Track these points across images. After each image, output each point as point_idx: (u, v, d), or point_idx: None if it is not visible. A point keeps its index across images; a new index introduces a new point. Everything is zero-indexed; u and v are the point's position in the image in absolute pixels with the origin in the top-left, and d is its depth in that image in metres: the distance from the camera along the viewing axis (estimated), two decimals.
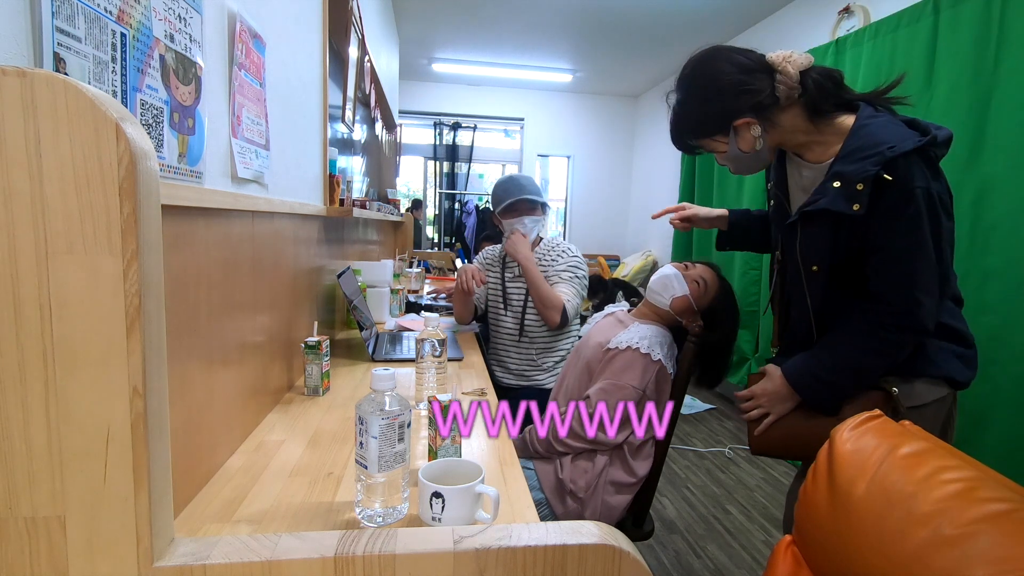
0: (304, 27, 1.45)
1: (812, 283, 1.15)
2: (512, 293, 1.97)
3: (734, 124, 1.12)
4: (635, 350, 1.31)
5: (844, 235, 1.07)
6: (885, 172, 1.00)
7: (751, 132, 1.12)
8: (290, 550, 0.55)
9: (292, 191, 1.35)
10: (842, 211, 1.02)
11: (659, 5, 3.65)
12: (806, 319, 1.19)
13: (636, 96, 6.12)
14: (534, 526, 0.60)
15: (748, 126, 1.12)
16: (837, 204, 1.03)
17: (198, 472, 0.85)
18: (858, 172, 1.01)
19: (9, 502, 0.50)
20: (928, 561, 0.57)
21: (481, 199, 6.46)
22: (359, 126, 2.50)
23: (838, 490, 0.70)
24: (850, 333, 1.10)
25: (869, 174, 1.00)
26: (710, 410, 3.73)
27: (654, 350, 1.31)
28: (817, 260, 1.12)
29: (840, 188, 1.03)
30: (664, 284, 1.43)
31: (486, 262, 2.11)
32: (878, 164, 0.99)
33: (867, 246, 1.07)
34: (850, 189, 1.02)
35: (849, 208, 1.02)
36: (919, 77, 2.33)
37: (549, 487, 1.33)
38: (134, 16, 0.66)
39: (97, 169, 0.47)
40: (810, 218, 1.10)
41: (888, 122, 1.07)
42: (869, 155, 1.01)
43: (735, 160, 1.18)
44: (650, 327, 1.38)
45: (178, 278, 0.75)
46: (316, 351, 1.30)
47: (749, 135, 1.13)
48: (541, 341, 1.92)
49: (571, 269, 1.89)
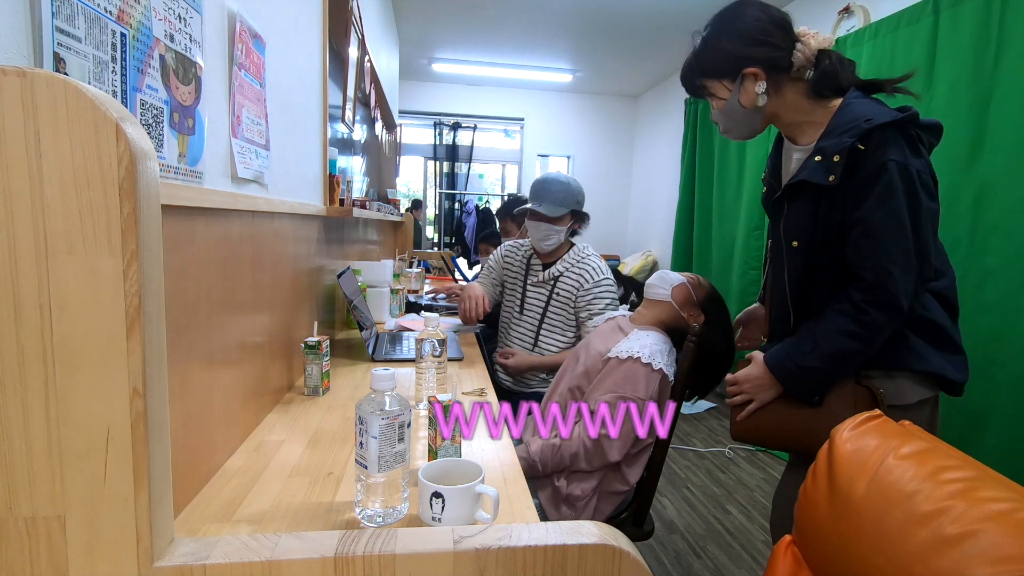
0: (304, 27, 1.45)
1: (792, 261, 1.16)
2: (531, 298, 1.92)
3: (744, 71, 1.14)
4: (636, 359, 1.31)
5: (824, 210, 1.09)
6: (859, 143, 1.03)
7: (756, 87, 1.14)
8: (290, 550, 0.55)
9: (292, 191, 1.35)
10: (818, 182, 1.06)
11: (659, 5, 3.65)
12: (785, 301, 1.19)
13: (636, 96, 6.12)
14: (534, 526, 0.60)
15: (755, 79, 1.14)
16: (815, 176, 1.07)
17: (198, 472, 0.85)
18: (836, 145, 1.05)
19: (9, 502, 0.50)
20: (929, 561, 0.57)
21: (481, 199, 6.46)
22: (359, 126, 2.49)
23: (838, 490, 0.70)
24: (828, 318, 1.10)
25: (845, 145, 1.03)
26: (710, 410, 3.73)
27: (655, 359, 1.31)
28: (797, 235, 1.14)
29: (820, 161, 1.07)
30: (662, 276, 1.46)
31: (508, 259, 2.03)
32: (854, 136, 1.03)
33: (845, 221, 1.07)
34: (827, 161, 1.06)
35: (825, 179, 1.05)
36: (919, 77, 2.33)
37: (545, 495, 1.33)
38: (134, 16, 0.66)
39: (97, 169, 0.47)
40: (794, 192, 1.13)
41: (871, 102, 1.10)
42: (847, 129, 1.05)
43: (729, 114, 1.20)
44: (650, 334, 1.38)
45: (178, 278, 0.75)
46: (316, 351, 1.30)
47: (752, 90, 1.15)
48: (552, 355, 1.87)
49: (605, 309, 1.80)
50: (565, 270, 1.86)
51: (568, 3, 3.69)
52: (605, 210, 6.18)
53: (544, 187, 1.85)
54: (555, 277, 1.88)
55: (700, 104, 4.38)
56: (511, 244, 2.06)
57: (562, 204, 1.83)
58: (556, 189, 1.83)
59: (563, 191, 1.83)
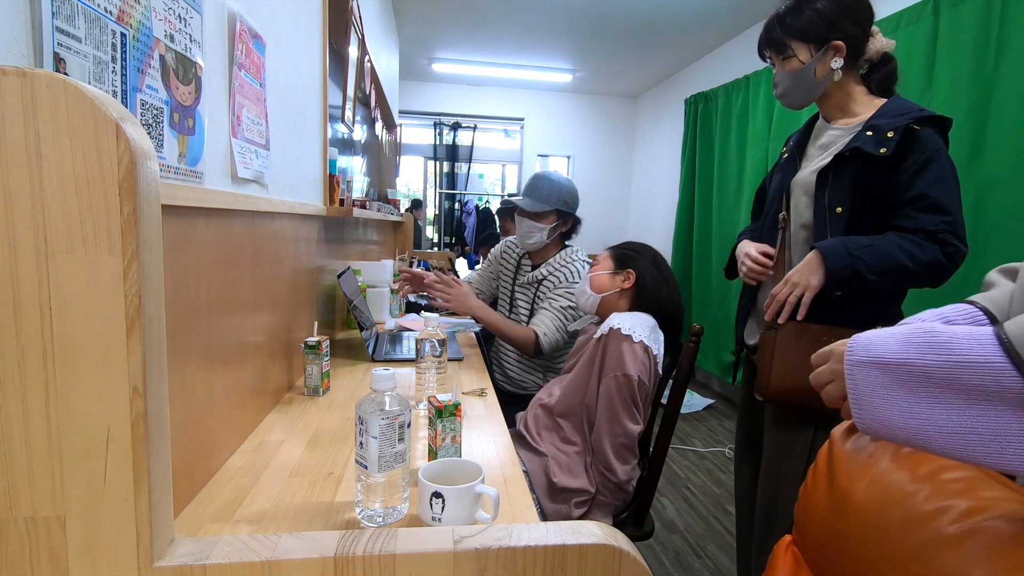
0: (304, 27, 1.45)
1: (834, 227, 1.21)
2: (519, 299, 1.92)
3: (833, 42, 1.20)
4: (616, 330, 1.31)
5: (867, 179, 1.17)
6: (915, 124, 1.13)
7: (833, 62, 1.21)
8: (290, 550, 0.55)
9: (292, 191, 1.35)
10: (871, 152, 1.14)
11: (659, 5, 3.65)
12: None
13: (636, 96, 6.12)
14: (534, 526, 0.60)
15: (837, 53, 1.21)
16: (867, 146, 1.15)
17: (198, 472, 0.85)
18: (891, 123, 1.15)
19: (9, 502, 0.50)
20: (928, 561, 0.57)
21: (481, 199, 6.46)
22: (359, 126, 2.49)
23: (838, 490, 0.70)
24: (891, 236, 1.15)
25: (901, 123, 1.14)
26: (709, 409, 3.73)
27: (635, 331, 1.30)
28: (840, 201, 1.19)
29: (872, 136, 1.16)
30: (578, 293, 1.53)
31: (503, 259, 2.03)
32: (911, 119, 1.13)
33: (895, 194, 1.16)
34: (881, 136, 1.15)
35: (877, 151, 1.14)
36: (919, 77, 2.33)
37: (540, 487, 1.32)
38: (134, 16, 0.66)
39: (97, 169, 0.47)
40: (842, 162, 1.19)
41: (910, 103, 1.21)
42: (902, 114, 1.16)
43: (800, 79, 1.25)
44: (626, 314, 1.38)
45: (178, 278, 0.75)
46: (316, 351, 1.30)
47: (830, 63, 1.22)
48: (543, 357, 1.84)
49: (560, 298, 1.78)
50: (549, 273, 1.84)
51: (568, 3, 3.69)
52: (605, 210, 6.19)
53: (533, 183, 1.84)
54: (539, 280, 1.86)
55: (700, 104, 4.38)
56: (510, 241, 2.04)
57: (545, 201, 1.80)
58: (543, 186, 1.82)
59: (549, 188, 1.81)
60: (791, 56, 1.24)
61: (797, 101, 1.29)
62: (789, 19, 1.24)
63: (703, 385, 4.34)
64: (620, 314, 1.35)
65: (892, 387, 0.51)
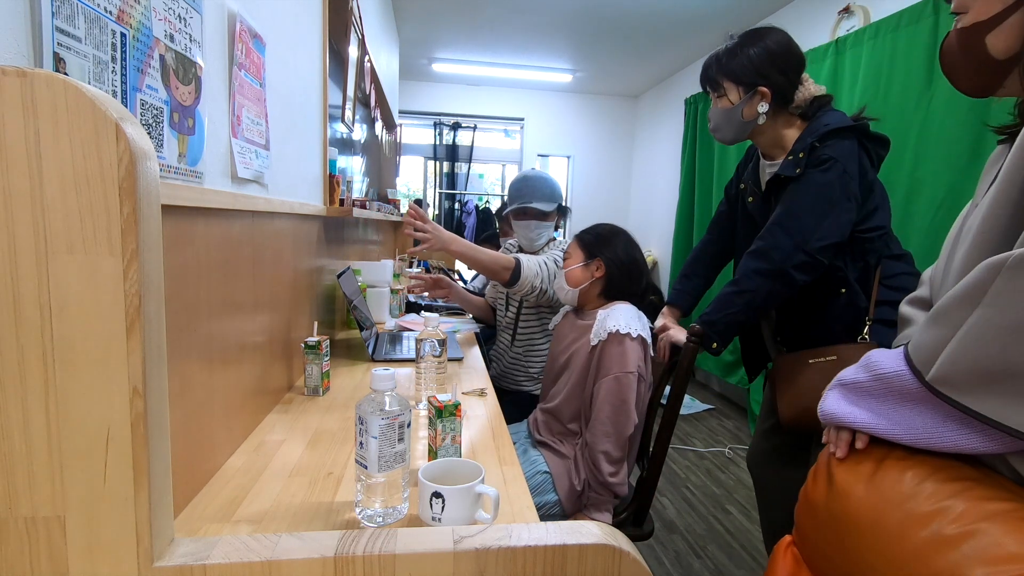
0: (304, 27, 1.45)
1: None
2: (512, 296, 1.94)
3: (760, 88, 1.29)
4: (614, 333, 1.32)
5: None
6: (817, 141, 1.25)
7: (759, 106, 1.31)
8: (290, 550, 0.55)
9: (292, 191, 1.35)
10: (788, 175, 1.28)
11: (659, 5, 3.65)
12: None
13: (636, 96, 6.12)
14: (534, 526, 0.60)
15: (763, 99, 1.30)
16: (785, 170, 1.28)
17: (198, 472, 0.85)
18: (801, 146, 1.28)
19: (9, 502, 0.50)
20: (928, 561, 0.57)
21: (481, 199, 6.45)
22: (359, 126, 2.49)
23: (837, 490, 0.70)
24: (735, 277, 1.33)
25: (808, 143, 1.26)
26: (709, 410, 3.73)
27: (631, 327, 1.32)
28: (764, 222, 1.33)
29: (790, 160, 1.29)
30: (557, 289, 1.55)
31: None
32: (814, 136, 1.25)
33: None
34: (795, 158, 1.28)
35: (793, 172, 1.27)
36: (919, 77, 2.33)
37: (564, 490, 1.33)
38: (134, 16, 0.66)
39: (97, 169, 0.47)
40: (771, 188, 1.35)
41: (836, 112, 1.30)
42: (812, 133, 1.27)
43: (727, 118, 1.35)
44: (612, 307, 1.40)
45: (178, 278, 0.75)
46: (316, 351, 1.30)
47: (756, 107, 1.31)
48: (535, 351, 1.87)
49: (546, 254, 1.81)
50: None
51: (568, 3, 3.68)
52: (605, 210, 6.18)
53: (530, 185, 1.86)
54: None
55: (700, 104, 4.38)
56: (509, 243, 2.09)
57: (551, 199, 1.85)
58: (542, 186, 1.86)
59: (549, 187, 1.86)
60: (723, 95, 1.34)
61: (728, 138, 1.39)
62: (725, 59, 1.33)
63: (703, 385, 4.34)
64: (610, 315, 1.36)
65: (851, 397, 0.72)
